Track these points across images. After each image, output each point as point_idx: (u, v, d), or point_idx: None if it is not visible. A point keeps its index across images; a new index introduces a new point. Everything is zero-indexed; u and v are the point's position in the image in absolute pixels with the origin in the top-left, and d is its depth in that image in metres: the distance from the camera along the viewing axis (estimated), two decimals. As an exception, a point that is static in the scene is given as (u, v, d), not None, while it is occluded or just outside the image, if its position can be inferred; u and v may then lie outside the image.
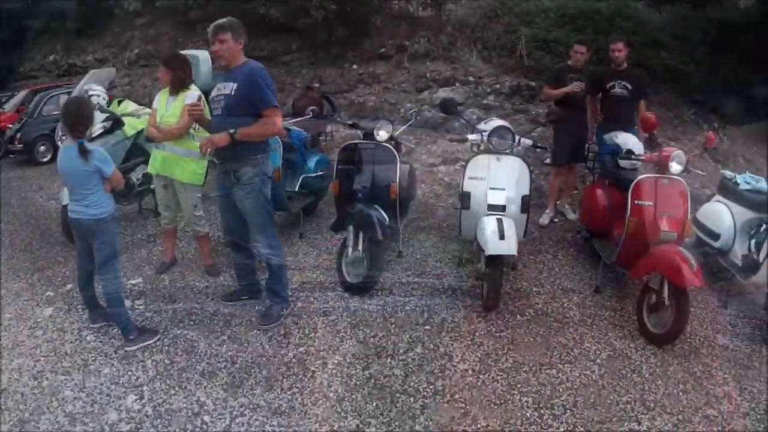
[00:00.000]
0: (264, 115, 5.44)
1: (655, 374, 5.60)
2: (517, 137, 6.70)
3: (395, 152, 6.94)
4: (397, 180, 6.80)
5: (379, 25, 12.56)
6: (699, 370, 5.76)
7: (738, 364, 5.97)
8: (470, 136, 6.94)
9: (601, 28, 11.66)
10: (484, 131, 6.76)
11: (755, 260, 6.82)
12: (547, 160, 9.52)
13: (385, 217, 6.47)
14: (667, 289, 5.84)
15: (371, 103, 11.55)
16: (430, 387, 5.20)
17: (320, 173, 8.16)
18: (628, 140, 7.18)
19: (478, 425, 4.80)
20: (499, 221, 6.04)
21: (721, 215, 7.37)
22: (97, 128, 7.49)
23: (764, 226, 6.98)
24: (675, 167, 6.24)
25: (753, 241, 7.09)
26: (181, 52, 7.80)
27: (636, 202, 6.23)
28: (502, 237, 5.89)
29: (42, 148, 15.00)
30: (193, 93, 6.51)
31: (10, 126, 15.60)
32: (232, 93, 5.44)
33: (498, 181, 6.43)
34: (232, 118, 5.43)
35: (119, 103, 8.38)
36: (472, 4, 13.38)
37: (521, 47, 11.52)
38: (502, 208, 6.30)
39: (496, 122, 7.13)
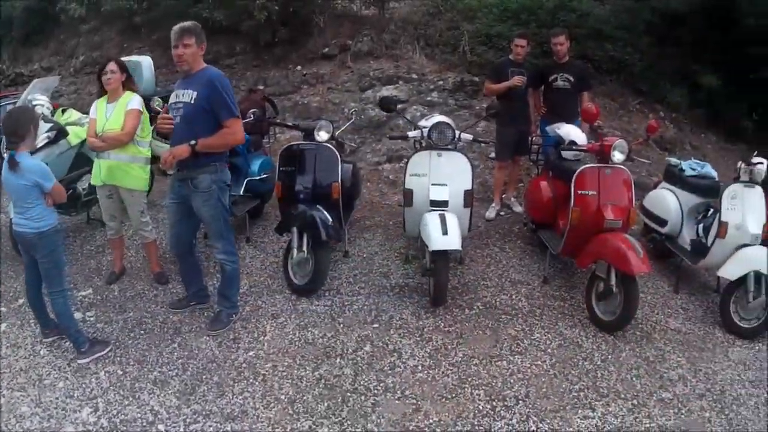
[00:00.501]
0: (224, 126, 5.34)
1: (607, 361, 5.64)
2: (457, 132, 6.69)
3: (336, 152, 6.88)
4: (339, 180, 6.74)
5: (322, 25, 12.46)
6: (652, 355, 5.82)
7: (692, 347, 6.05)
8: (410, 133, 6.97)
9: (544, 22, 11.72)
10: (425, 128, 6.74)
11: (703, 244, 6.91)
12: (492, 155, 9.48)
13: (328, 217, 6.38)
14: (614, 277, 5.90)
15: (315, 103, 11.44)
16: (381, 384, 5.19)
17: (264, 176, 8.05)
18: (571, 131, 7.22)
19: (431, 420, 4.80)
20: (442, 217, 6.03)
21: (668, 202, 7.45)
22: (41, 138, 7.32)
23: (711, 211, 7.07)
24: (617, 156, 6.25)
25: (700, 226, 7.21)
26: (124, 58, 7.67)
27: (579, 192, 6.26)
28: (445, 232, 5.87)
29: (-11, 159, 14.65)
30: (134, 98, 6.42)
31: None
32: (192, 101, 5.31)
33: (439, 176, 6.43)
34: (192, 127, 5.33)
35: (63, 112, 8.19)
36: (415, 1, 13.42)
37: (464, 43, 11.49)
38: (445, 204, 6.29)
39: (438, 118, 7.08)
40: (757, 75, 12.50)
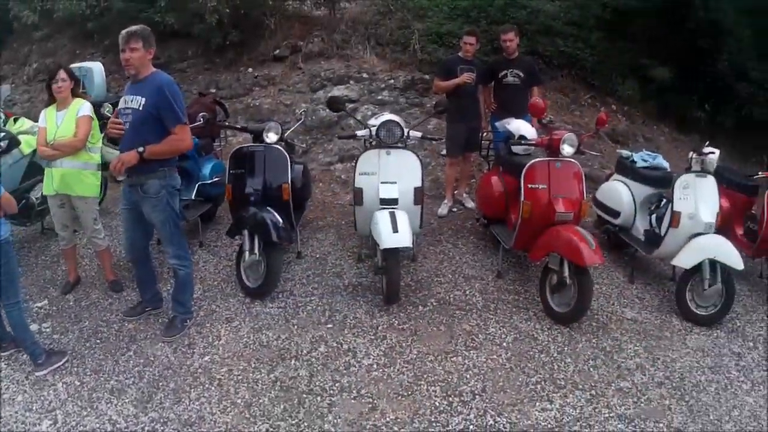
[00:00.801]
0: (172, 132, 5.31)
1: (563, 353, 5.67)
2: (406, 130, 6.68)
3: (286, 153, 6.85)
4: (289, 181, 6.72)
5: (273, 26, 12.37)
6: (609, 345, 5.86)
7: (649, 336, 6.10)
8: (359, 132, 6.93)
9: (495, 19, 11.77)
10: (374, 126, 6.70)
11: (657, 234, 6.97)
12: (443, 151, 9.49)
13: (279, 219, 6.34)
14: (567, 269, 5.93)
15: (267, 105, 11.35)
16: (337, 384, 5.16)
17: (215, 179, 7.98)
18: (521, 126, 7.22)
19: (387, 418, 4.78)
20: (392, 215, 6.02)
21: (620, 193, 7.52)
22: (-7, 148, 7.21)
23: (664, 201, 7.13)
24: (567, 149, 6.29)
25: (653, 216, 7.31)
26: (75, 64, 7.54)
27: (529, 186, 6.29)
28: (395, 230, 5.87)
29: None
30: (84, 105, 6.39)
31: None
32: (140, 108, 5.27)
33: (389, 175, 6.41)
34: (140, 133, 5.29)
35: (15, 121, 8.05)
36: (366, 1, 13.36)
37: (415, 42, 11.46)
38: (395, 202, 6.27)
39: (386, 117, 7.06)
40: (708, 67, 12.69)
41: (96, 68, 10.41)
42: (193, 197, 7.74)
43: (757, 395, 5.38)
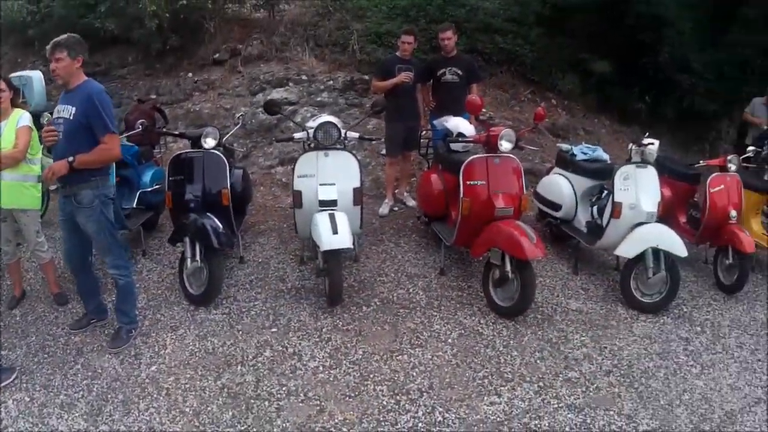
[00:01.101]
0: (101, 141, 5.22)
1: (509, 346, 5.69)
2: (343, 131, 6.62)
3: (224, 158, 6.78)
4: (229, 186, 6.65)
5: (212, 30, 12.25)
6: (555, 336, 5.90)
7: (595, 326, 6.17)
8: (297, 135, 6.86)
9: (434, 18, 11.79)
10: (311, 128, 6.65)
11: (599, 225, 7.07)
12: (383, 151, 9.47)
13: (219, 224, 6.27)
14: (509, 264, 5.96)
15: (207, 110, 11.24)
16: (284, 389, 5.11)
17: (156, 187, 7.87)
18: (459, 124, 7.23)
19: (336, 420, 4.75)
20: (332, 216, 5.99)
21: (561, 186, 7.60)
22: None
23: (605, 193, 7.20)
24: (505, 145, 6.32)
25: (595, 208, 7.40)
26: (15, 73, 7.38)
27: (468, 182, 6.30)
28: (335, 231, 5.84)
29: None
30: (24, 115, 6.25)
31: None
32: (71, 117, 5.20)
33: (327, 176, 6.37)
34: (72, 143, 5.21)
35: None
36: (305, 2, 13.31)
37: (354, 42, 11.44)
38: (334, 203, 6.24)
39: (324, 118, 7.01)
40: (648, 59, 12.88)
41: (35, 77, 10.22)
42: (134, 206, 7.63)
43: (707, 378, 5.48)
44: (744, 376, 5.63)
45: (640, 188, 6.61)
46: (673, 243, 6.34)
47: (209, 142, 6.71)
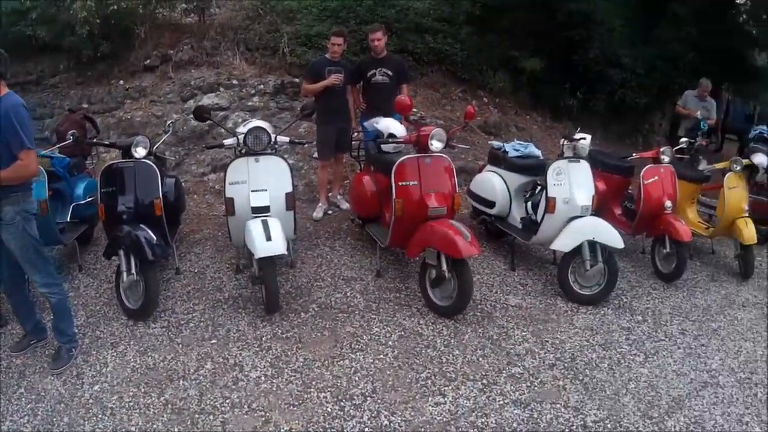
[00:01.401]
0: (18, 158, 5.04)
1: (450, 345, 5.69)
2: (273, 136, 6.57)
3: (156, 168, 6.66)
4: (161, 196, 6.53)
5: (143, 35, 12.00)
6: (496, 333, 5.92)
7: (535, 320, 6.22)
8: (226, 141, 6.79)
9: (364, 19, 11.78)
10: (242, 134, 6.58)
11: (533, 221, 7.17)
12: (315, 154, 9.41)
13: (153, 236, 6.15)
14: (445, 263, 5.95)
15: (139, 118, 11.05)
16: (227, 401, 5.02)
17: (90, 199, 7.67)
18: (390, 125, 7.23)
19: (281, 429, 4.69)
20: (265, 223, 5.94)
21: (494, 183, 7.65)
22: None
23: (538, 188, 7.25)
24: (435, 145, 6.32)
25: (529, 204, 7.50)
26: None
27: (400, 183, 6.27)
28: (269, 238, 5.79)
29: None
30: None
31: None
32: None
33: (258, 182, 6.30)
34: None
35: None
36: (235, 6, 13.20)
37: (284, 45, 11.36)
38: (266, 209, 6.18)
39: (253, 123, 6.97)
40: (579, 56, 13.07)
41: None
42: (68, 219, 7.44)
43: (651, 366, 5.58)
44: (688, 361, 5.75)
45: (573, 183, 6.68)
46: (609, 235, 6.43)
47: (140, 152, 6.57)
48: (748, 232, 7.68)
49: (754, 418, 5.05)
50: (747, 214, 7.88)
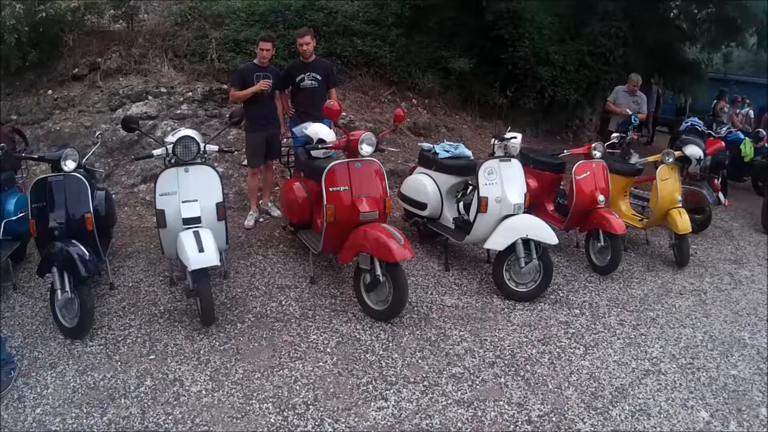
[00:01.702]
0: None
1: (389, 349, 5.69)
2: (202, 145, 6.50)
3: (86, 181, 6.52)
4: (92, 210, 6.41)
5: (71, 43, 11.78)
6: (434, 334, 5.94)
7: (472, 319, 6.26)
8: (155, 152, 6.67)
9: (292, 23, 11.79)
10: (171, 144, 6.49)
11: (466, 221, 7.21)
12: (245, 162, 9.35)
13: (86, 251, 6.01)
14: (378, 267, 5.97)
15: (68, 129, 10.82)
16: (170, 417, 4.93)
17: (21, 215, 7.47)
18: (319, 130, 7.22)
19: None
20: (197, 234, 5.87)
21: (425, 185, 7.70)
22: None
23: (470, 188, 7.29)
24: (365, 149, 6.30)
25: (461, 204, 7.53)
26: None
27: (331, 189, 6.25)
28: (201, 249, 5.72)
29: None
30: None
31: None
32: None
33: (189, 193, 6.22)
34: None
35: None
36: (164, 11, 13.05)
37: (212, 51, 11.29)
38: (198, 220, 6.11)
39: (182, 132, 6.86)
40: (509, 54, 13.18)
41: None
42: (0, 236, 7.25)
43: (592, 358, 5.66)
44: (629, 351, 5.85)
45: (505, 181, 6.74)
46: (543, 232, 6.50)
47: (69, 165, 6.44)
48: (683, 221, 7.83)
49: (698, 402, 5.15)
50: (680, 205, 8.02)
